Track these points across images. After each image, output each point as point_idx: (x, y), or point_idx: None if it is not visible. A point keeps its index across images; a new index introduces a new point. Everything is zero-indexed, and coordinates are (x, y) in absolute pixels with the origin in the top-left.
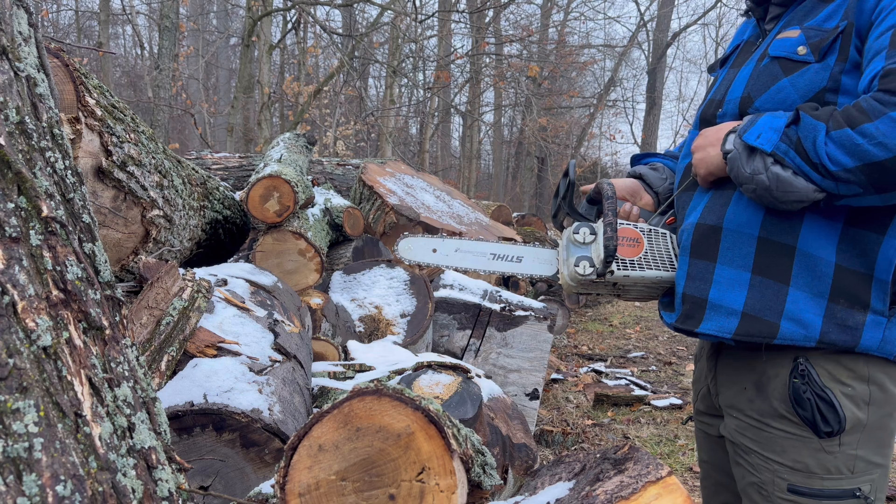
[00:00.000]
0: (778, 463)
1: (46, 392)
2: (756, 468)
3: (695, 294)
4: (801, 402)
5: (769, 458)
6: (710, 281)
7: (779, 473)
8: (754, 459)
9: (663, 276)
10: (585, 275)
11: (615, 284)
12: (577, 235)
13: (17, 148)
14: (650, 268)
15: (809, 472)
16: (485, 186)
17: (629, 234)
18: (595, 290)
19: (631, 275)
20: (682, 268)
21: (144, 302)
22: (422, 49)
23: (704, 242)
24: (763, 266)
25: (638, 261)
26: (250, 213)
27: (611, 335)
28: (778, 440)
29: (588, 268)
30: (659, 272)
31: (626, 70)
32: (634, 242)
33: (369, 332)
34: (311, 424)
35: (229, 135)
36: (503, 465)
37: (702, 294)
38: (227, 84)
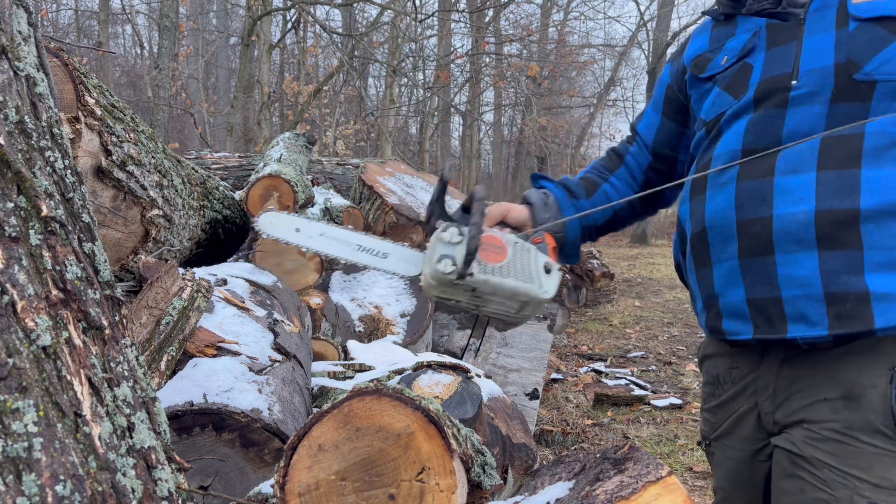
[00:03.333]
0: (859, 479)
1: (46, 392)
2: (829, 484)
3: (849, 290)
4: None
5: (850, 473)
6: (861, 271)
7: (859, 490)
8: (828, 474)
9: (521, 288)
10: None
11: (474, 290)
12: (444, 234)
13: (17, 147)
14: (510, 276)
15: (894, 489)
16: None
17: (495, 242)
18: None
19: (490, 280)
20: (811, 265)
21: (144, 301)
22: (422, 49)
23: (838, 231)
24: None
25: (500, 268)
26: (250, 212)
27: (611, 335)
28: (865, 455)
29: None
30: (518, 283)
31: (626, 70)
32: (500, 250)
33: (369, 332)
34: (311, 424)
35: (229, 134)
36: (503, 464)
37: (859, 287)
38: (226, 84)
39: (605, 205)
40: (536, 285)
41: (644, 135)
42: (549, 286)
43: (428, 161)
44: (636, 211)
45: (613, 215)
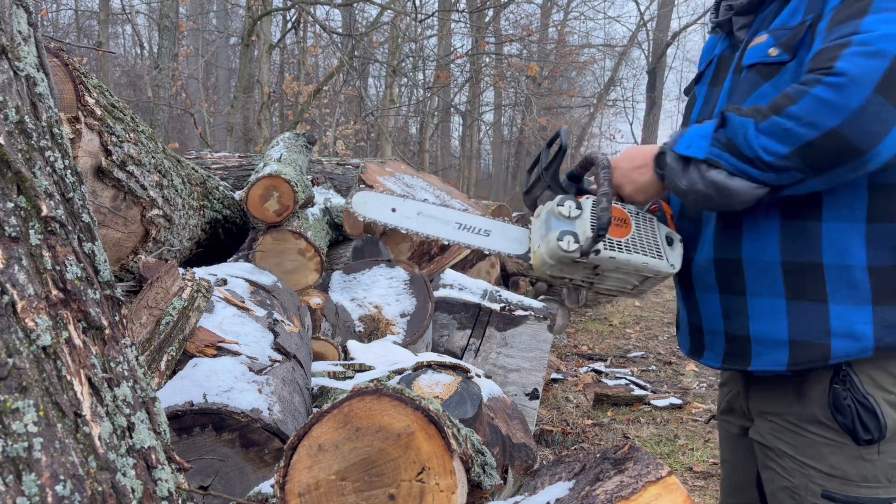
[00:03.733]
0: (813, 468)
1: (46, 392)
2: (790, 472)
3: (737, 332)
4: (840, 408)
5: (805, 462)
6: (746, 316)
7: (813, 479)
8: (788, 463)
9: (649, 263)
10: (569, 251)
11: (595, 268)
12: (561, 208)
13: (17, 147)
14: (637, 251)
15: (846, 479)
16: (485, 186)
17: (617, 214)
18: (569, 275)
19: (617, 257)
20: (715, 306)
21: (144, 301)
22: (422, 49)
23: (729, 277)
24: (795, 289)
25: (626, 242)
26: (250, 212)
27: (611, 335)
28: (815, 445)
29: (573, 243)
30: (645, 258)
31: (626, 70)
32: (622, 223)
33: (369, 332)
34: (311, 424)
35: (229, 134)
36: (503, 464)
37: (743, 331)
38: (226, 84)
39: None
40: (663, 260)
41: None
42: (675, 259)
43: (428, 161)
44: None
45: None
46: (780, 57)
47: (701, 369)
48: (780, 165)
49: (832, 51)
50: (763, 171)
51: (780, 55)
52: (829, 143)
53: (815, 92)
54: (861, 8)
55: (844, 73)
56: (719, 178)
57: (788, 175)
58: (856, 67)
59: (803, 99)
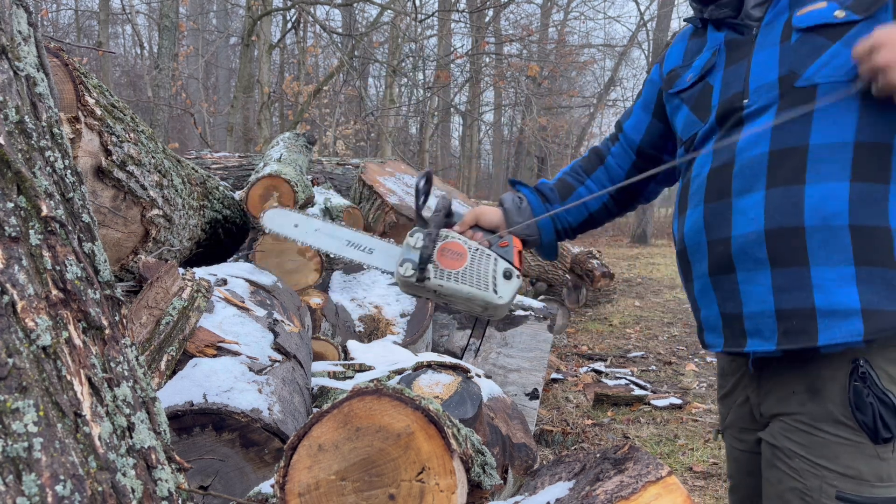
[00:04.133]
0: (827, 469)
1: (46, 392)
2: (801, 473)
3: (796, 306)
4: (862, 406)
5: (818, 463)
6: (809, 287)
7: (827, 480)
8: (799, 464)
9: (474, 294)
10: (406, 276)
11: (436, 292)
12: (411, 239)
13: (17, 147)
14: (465, 283)
15: (861, 479)
16: (485, 186)
17: (455, 248)
18: (422, 294)
19: (444, 285)
20: (765, 282)
21: (144, 301)
22: (422, 49)
23: (785, 247)
24: (865, 255)
25: (456, 274)
26: (250, 212)
27: (611, 335)
28: (830, 445)
29: (410, 269)
30: (472, 289)
31: (626, 70)
32: (458, 256)
33: (369, 332)
34: (311, 424)
35: (229, 134)
36: (503, 464)
37: (805, 304)
38: (226, 84)
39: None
40: (491, 292)
41: (631, 133)
42: (506, 292)
43: (428, 161)
44: (611, 210)
45: (588, 216)
46: (850, 17)
47: (701, 369)
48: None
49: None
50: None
51: (849, 15)
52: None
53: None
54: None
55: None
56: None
57: None
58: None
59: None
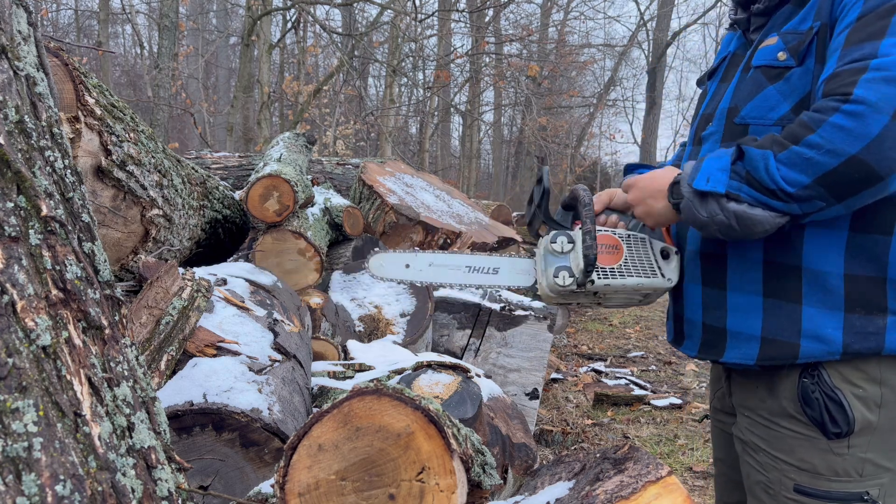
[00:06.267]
0: (785, 462)
1: (46, 391)
2: (764, 467)
3: (713, 324)
4: (809, 401)
5: (777, 456)
6: (725, 309)
7: (786, 473)
8: (762, 458)
9: (644, 283)
10: (565, 286)
11: (596, 293)
12: (554, 245)
13: (17, 147)
14: (631, 275)
15: (816, 472)
16: (485, 186)
17: (608, 241)
18: (576, 300)
19: (612, 283)
20: (697, 297)
21: (144, 301)
22: (422, 48)
23: (712, 271)
24: (773, 288)
25: (619, 268)
26: (250, 212)
27: (610, 335)
28: (786, 439)
29: (568, 278)
30: (640, 279)
31: (626, 70)
32: (614, 249)
33: (369, 332)
34: (311, 424)
35: (229, 134)
36: (503, 464)
37: (720, 323)
38: (226, 83)
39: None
40: (658, 276)
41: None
42: (671, 273)
43: (428, 161)
44: None
45: None
46: (788, 62)
47: (701, 369)
48: (802, 196)
49: (849, 75)
50: (785, 201)
51: (788, 59)
52: (850, 169)
53: (833, 120)
54: (879, 29)
55: (863, 100)
56: (740, 210)
57: (811, 204)
58: (874, 94)
59: (822, 127)
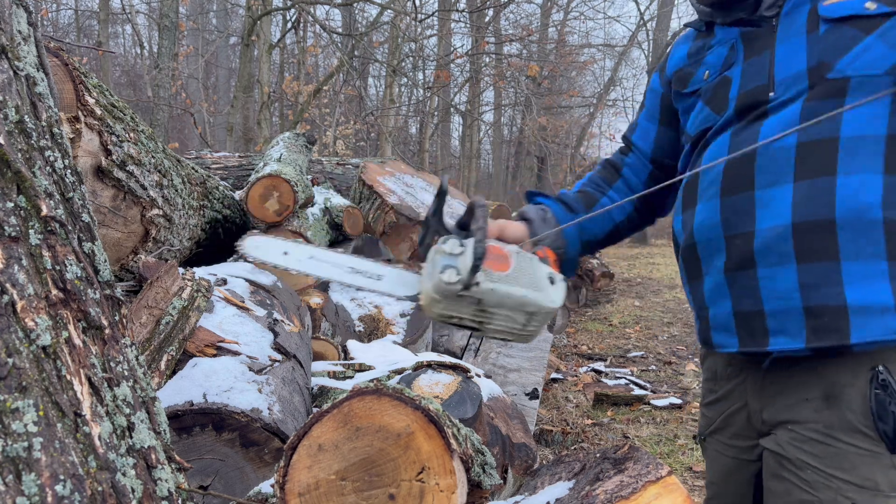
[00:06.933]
0: (842, 480)
1: (46, 391)
2: (813, 486)
3: (826, 302)
4: (884, 415)
5: (833, 475)
6: (840, 283)
7: (843, 492)
8: (811, 476)
9: (530, 297)
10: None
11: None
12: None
13: (17, 147)
14: (517, 285)
15: (877, 490)
16: (485, 186)
17: (498, 252)
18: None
19: (496, 288)
20: (790, 280)
21: (144, 301)
22: (422, 48)
23: (814, 242)
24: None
25: (506, 276)
26: (250, 212)
27: (610, 335)
28: (847, 456)
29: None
30: (526, 291)
31: (625, 70)
32: (503, 259)
33: (369, 332)
34: (311, 424)
35: (229, 134)
36: (503, 464)
37: (835, 300)
38: (226, 83)
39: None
40: (544, 294)
41: (641, 145)
42: (556, 296)
43: (428, 161)
44: (634, 223)
45: (614, 228)
46: (881, 9)
47: (701, 369)
48: None
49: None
50: None
51: (881, 7)
52: None
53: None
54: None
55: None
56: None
57: None
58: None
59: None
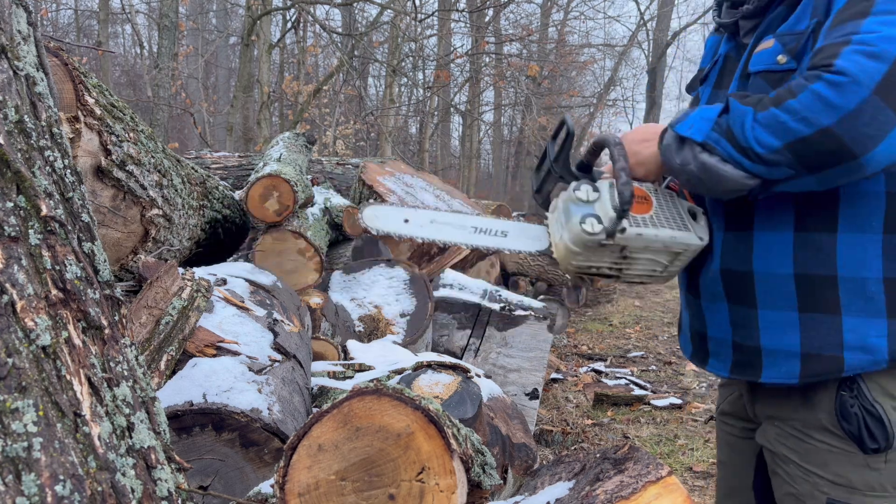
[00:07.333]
0: (818, 476)
1: (45, 391)
2: (794, 479)
3: (746, 342)
4: (847, 416)
5: (810, 470)
6: (757, 327)
7: (819, 486)
8: (793, 470)
9: (677, 237)
10: (594, 233)
11: (622, 250)
12: (578, 193)
13: (17, 147)
14: (664, 226)
15: (851, 487)
16: (485, 186)
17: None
18: (596, 262)
19: (644, 233)
20: (723, 314)
21: (144, 301)
22: (421, 48)
23: (739, 288)
24: (808, 302)
25: (650, 218)
26: (250, 212)
27: (610, 335)
28: (820, 453)
29: (597, 224)
30: (673, 231)
31: (625, 69)
32: (643, 200)
33: (369, 332)
34: (311, 424)
35: (229, 134)
36: (503, 464)
37: (753, 342)
38: (226, 83)
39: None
40: (690, 232)
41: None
42: (702, 232)
43: (428, 161)
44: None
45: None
46: (789, 64)
47: (701, 369)
48: (770, 159)
49: (833, 48)
50: (754, 162)
51: (789, 62)
52: (821, 141)
53: (813, 87)
54: (863, 9)
55: (844, 71)
56: (711, 162)
57: (779, 170)
58: (855, 66)
59: (802, 94)
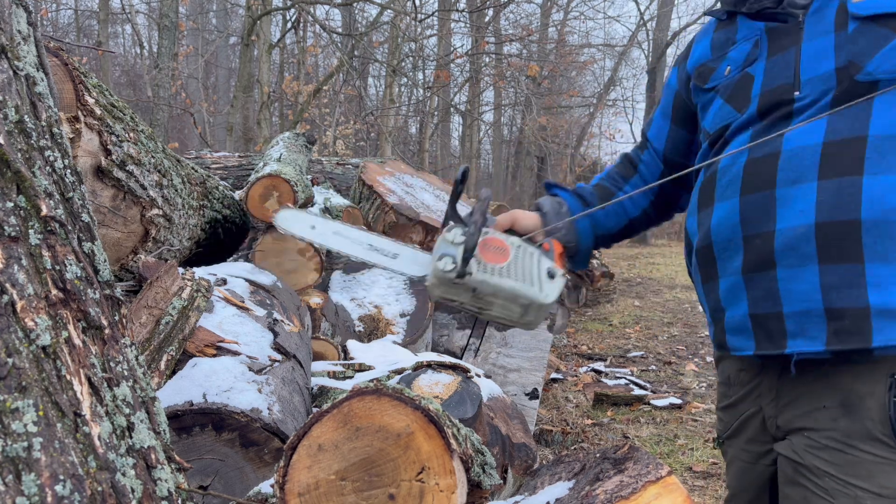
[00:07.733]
0: (861, 489)
1: (45, 391)
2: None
3: (846, 305)
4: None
5: (850, 483)
6: (863, 285)
7: (861, 500)
8: (829, 483)
9: (520, 291)
10: (446, 271)
11: (475, 291)
12: (448, 234)
13: (17, 147)
14: (510, 278)
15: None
16: (485, 186)
17: (497, 244)
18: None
19: (489, 280)
20: (811, 280)
21: (144, 301)
22: (421, 48)
23: (838, 242)
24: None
25: (500, 269)
26: (250, 212)
27: (610, 335)
28: (865, 464)
29: (449, 264)
30: (518, 284)
31: (625, 69)
32: (502, 252)
33: (369, 332)
34: (311, 424)
35: (229, 134)
36: (503, 464)
37: (858, 302)
38: (226, 83)
39: (618, 212)
40: (537, 289)
41: (654, 142)
42: (551, 291)
43: (428, 161)
44: (650, 218)
45: (628, 223)
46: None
47: (701, 369)
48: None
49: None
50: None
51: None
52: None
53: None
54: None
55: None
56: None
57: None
58: None
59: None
